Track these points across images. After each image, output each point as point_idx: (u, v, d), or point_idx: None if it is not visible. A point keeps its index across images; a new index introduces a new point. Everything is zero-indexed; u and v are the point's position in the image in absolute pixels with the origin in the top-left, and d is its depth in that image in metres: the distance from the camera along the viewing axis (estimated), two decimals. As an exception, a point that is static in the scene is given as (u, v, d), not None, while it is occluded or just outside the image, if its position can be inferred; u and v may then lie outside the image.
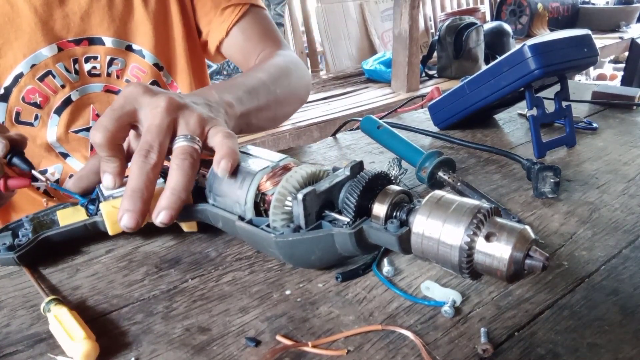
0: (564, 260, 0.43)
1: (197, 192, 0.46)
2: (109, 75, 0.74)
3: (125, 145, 0.47)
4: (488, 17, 3.71)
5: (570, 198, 0.54)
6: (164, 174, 0.45)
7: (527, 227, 0.33)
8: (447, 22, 2.48)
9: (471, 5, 3.69)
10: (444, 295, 0.38)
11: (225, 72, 2.20)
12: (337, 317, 0.37)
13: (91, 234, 0.47)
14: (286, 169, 0.43)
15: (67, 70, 0.70)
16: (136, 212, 0.39)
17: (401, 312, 0.37)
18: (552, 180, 0.54)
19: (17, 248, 0.44)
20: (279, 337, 0.35)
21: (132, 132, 0.47)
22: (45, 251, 0.45)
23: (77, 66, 0.71)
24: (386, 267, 0.42)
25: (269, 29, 0.83)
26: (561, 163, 0.64)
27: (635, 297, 0.38)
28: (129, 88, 0.45)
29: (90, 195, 0.48)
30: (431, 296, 0.39)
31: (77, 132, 0.73)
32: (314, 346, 0.34)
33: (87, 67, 0.72)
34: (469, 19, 2.47)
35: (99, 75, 0.73)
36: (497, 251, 0.32)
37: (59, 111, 0.71)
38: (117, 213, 0.40)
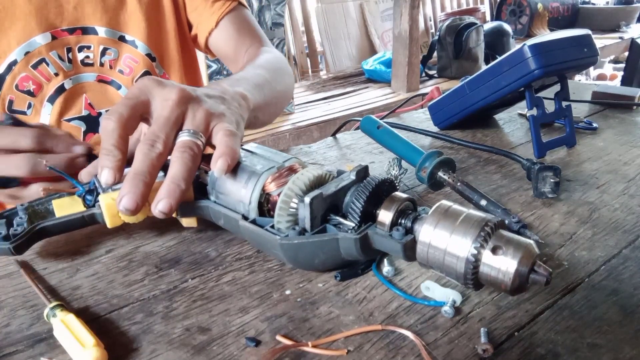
0: (564, 260, 0.43)
1: (199, 188, 0.46)
2: (102, 65, 0.75)
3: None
4: (488, 17, 3.71)
5: (570, 198, 0.54)
6: (165, 168, 0.44)
7: (533, 242, 0.33)
8: (447, 22, 2.48)
9: (471, 5, 3.69)
10: (444, 295, 0.38)
11: (225, 72, 2.20)
12: (337, 317, 0.37)
13: (88, 225, 0.46)
14: (292, 170, 0.43)
15: (61, 59, 0.71)
16: (136, 195, 0.38)
17: (401, 312, 0.37)
18: (552, 180, 0.54)
19: (12, 238, 0.42)
20: (279, 337, 0.35)
21: (135, 141, 0.48)
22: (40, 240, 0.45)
23: (70, 55, 0.72)
24: (386, 267, 0.42)
25: (255, 26, 0.86)
26: (561, 163, 0.64)
27: (635, 297, 0.38)
28: (144, 80, 0.45)
29: (88, 185, 0.47)
30: (431, 296, 0.39)
31: (69, 120, 0.74)
32: (314, 346, 0.34)
33: (80, 56, 0.73)
34: (469, 19, 2.47)
35: (92, 64, 0.74)
36: (503, 265, 0.32)
37: (52, 99, 0.71)
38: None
